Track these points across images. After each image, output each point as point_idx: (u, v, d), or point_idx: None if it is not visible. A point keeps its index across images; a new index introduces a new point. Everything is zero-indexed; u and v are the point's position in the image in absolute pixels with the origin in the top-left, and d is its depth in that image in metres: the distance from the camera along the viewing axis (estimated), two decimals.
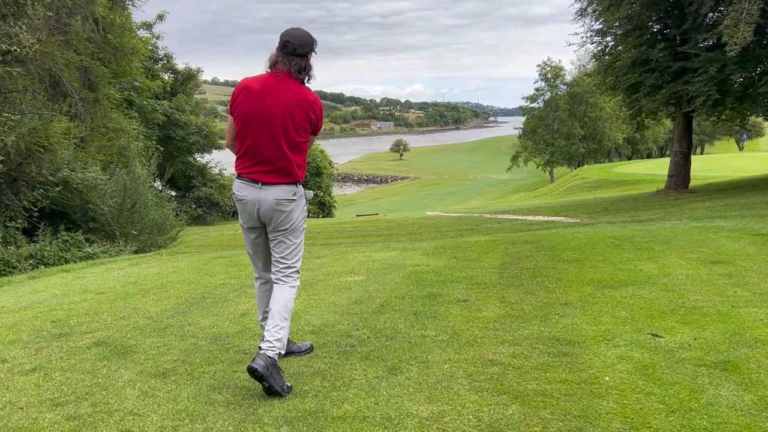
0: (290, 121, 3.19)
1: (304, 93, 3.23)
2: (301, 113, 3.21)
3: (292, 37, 3.18)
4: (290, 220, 3.31)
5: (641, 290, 4.78)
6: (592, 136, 61.80)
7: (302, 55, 3.19)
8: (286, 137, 3.20)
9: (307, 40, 3.20)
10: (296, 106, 3.19)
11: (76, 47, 13.80)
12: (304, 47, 3.19)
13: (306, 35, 3.21)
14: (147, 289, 5.87)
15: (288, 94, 3.19)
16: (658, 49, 16.55)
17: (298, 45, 3.17)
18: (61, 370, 3.54)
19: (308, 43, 3.20)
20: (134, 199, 12.28)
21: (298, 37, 3.18)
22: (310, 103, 3.23)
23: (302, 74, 3.22)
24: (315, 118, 3.28)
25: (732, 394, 2.82)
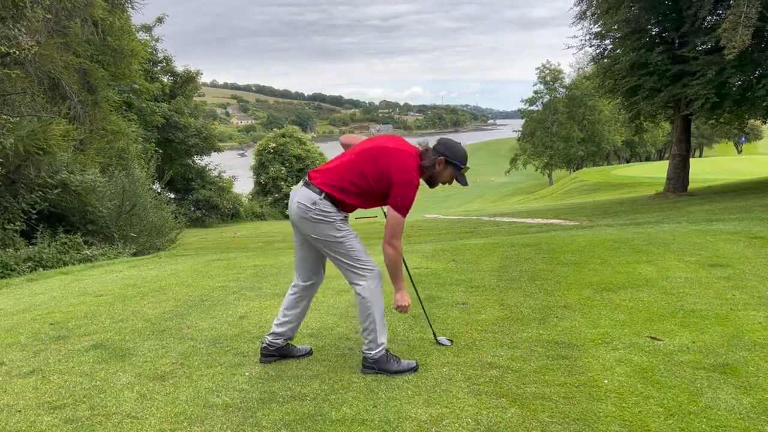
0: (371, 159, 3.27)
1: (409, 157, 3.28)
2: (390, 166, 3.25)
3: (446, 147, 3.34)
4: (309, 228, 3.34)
5: (640, 293, 4.78)
6: (590, 139, 61.81)
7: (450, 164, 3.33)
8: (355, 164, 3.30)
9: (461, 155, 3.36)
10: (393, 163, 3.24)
11: (75, 49, 13.80)
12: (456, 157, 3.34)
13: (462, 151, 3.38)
14: (145, 292, 5.86)
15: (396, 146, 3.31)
16: (656, 53, 16.56)
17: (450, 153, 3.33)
18: (59, 372, 3.54)
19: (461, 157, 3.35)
20: (133, 202, 12.28)
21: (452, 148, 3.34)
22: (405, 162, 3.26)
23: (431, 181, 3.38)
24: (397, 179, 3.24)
25: (731, 398, 2.82)
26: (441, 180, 3.36)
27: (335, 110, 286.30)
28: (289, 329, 3.60)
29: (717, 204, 14.23)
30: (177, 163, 31.45)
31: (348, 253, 3.31)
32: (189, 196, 32.70)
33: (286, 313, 3.58)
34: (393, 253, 3.27)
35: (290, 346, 3.65)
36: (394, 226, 3.24)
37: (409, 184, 3.19)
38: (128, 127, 18.24)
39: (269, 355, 3.58)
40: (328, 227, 3.25)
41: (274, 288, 5.74)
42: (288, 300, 3.60)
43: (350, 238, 3.32)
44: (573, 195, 33.62)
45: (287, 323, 3.58)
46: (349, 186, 3.23)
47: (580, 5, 19.28)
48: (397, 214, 3.22)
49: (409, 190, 3.19)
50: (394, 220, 3.23)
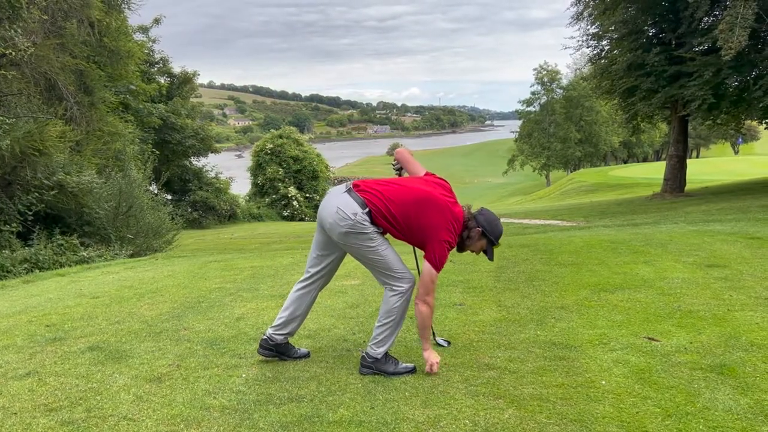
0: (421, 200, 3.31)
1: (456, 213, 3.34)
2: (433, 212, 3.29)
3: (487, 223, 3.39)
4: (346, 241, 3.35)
5: (637, 294, 4.78)
6: (588, 140, 61.88)
7: (487, 239, 3.40)
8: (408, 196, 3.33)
9: (497, 232, 3.42)
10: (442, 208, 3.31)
11: (71, 50, 13.78)
12: (494, 233, 3.41)
13: (498, 228, 3.44)
14: (142, 293, 5.85)
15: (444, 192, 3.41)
16: (653, 53, 16.58)
17: (490, 230, 3.39)
18: (55, 374, 3.52)
19: (496, 233, 3.42)
20: (130, 203, 12.26)
21: (492, 224, 3.40)
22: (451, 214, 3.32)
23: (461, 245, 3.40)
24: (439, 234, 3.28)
25: (728, 398, 2.82)
26: (472, 249, 3.43)
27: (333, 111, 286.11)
28: (292, 325, 3.57)
29: (714, 205, 14.25)
30: (174, 165, 31.41)
31: (382, 261, 3.30)
32: (186, 198, 32.63)
33: (288, 309, 3.56)
34: (426, 311, 3.27)
35: (289, 346, 3.63)
36: (428, 283, 3.25)
37: (449, 244, 3.26)
38: (125, 129, 18.20)
39: (267, 349, 3.56)
40: (362, 237, 3.24)
41: (271, 289, 5.73)
42: (292, 296, 3.58)
43: (384, 248, 3.30)
44: (570, 196, 33.65)
45: (290, 317, 3.55)
46: (391, 218, 3.25)
47: (577, 6, 19.31)
48: (432, 269, 3.24)
49: (447, 249, 3.26)
50: (429, 276, 3.25)
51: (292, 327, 3.59)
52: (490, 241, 3.40)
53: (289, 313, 3.56)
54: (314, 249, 3.53)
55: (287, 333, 3.58)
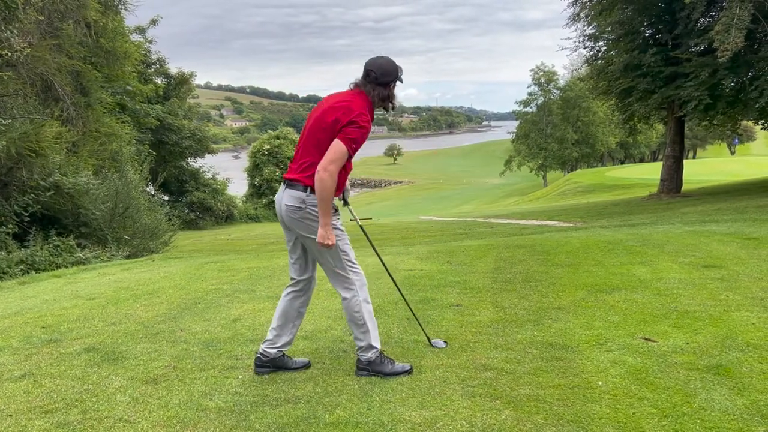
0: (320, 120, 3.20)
1: (353, 100, 3.19)
2: (336, 114, 3.15)
3: (375, 66, 3.22)
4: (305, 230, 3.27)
5: (634, 294, 4.78)
6: (585, 141, 62.02)
7: (384, 84, 3.23)
8: (309, 133, 3.23)
9: (390, 69, 3.23)
10: (339, 109, 3.16)
11: (68, 51, 13.75)
12: (387, 76, 3.22)
13: (389, 63, 3.25)
14: (138, 295, 5.83)
15: (337, 100, 3.22)
16: (650, 54, 16.62)
17: (381, 74, 3.20)
18: (50, 376, 3.51)
19: (391, 72, 3.24)
20: (126, 204, 12.24)
21: (381, 66, 3.22)
22: (347, 107, 3.16)
23: (384, 103, 3.28)
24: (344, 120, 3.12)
25: (724, 399, 2.82)
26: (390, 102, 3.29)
27: None
28: (285, 337, 3.46)
29: (710, 205, 14.28)
30: (171, 165, 31.38)
31: (337, 254, 3.27)
32: (183, 198, 32.61)
33: (279, 320, 3.47)
34: (326, 179, 3.06)
35: (285, 358, 3.49)
36: (335, 152, 3.08)
37: (356, 124, 3.10)
38: (121, 129, 18.18)
39: (262, 366, 3.43)
40: (315, 223, 3.19)
41: (268, 290, 5.73)
42: (282, 303, 3.49)
43: (341, 239, 3.28)
44: (567, 196, 33.70)
45: (281, 329, 3.46)
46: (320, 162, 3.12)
47: (573, 7, 19.36)
48: (342, 144, 3.09)
49: (357, 127, 3.10)
50: (337, 146, 3.09)
51: (285, 339, 3.47)
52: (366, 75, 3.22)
53: (280, 324, 3.47)
54: (290, 255, 3.50)
55: (281, 346, 3.45)
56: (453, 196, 65.75)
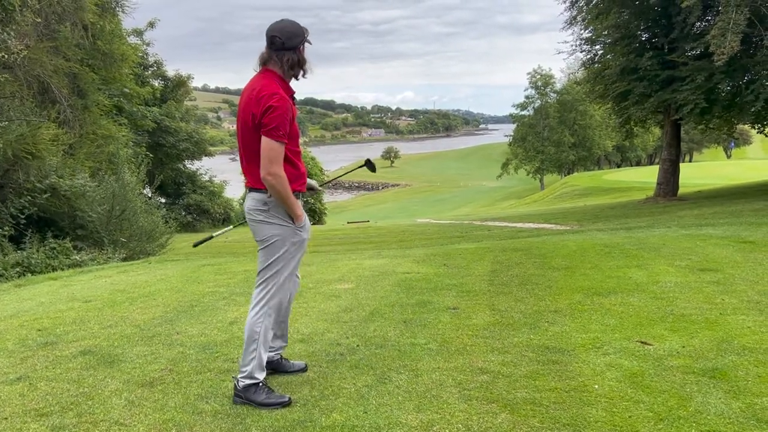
0: (243, 123, 3.00)
1: (258, 85, 2.94)
2: (250, 110, 2.93)
3: (279, 31, 2.95)
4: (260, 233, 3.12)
5: (630, 298, 4.79)
6: (581, 144, 62.14)
7: (292, 48, 2.97)
8: (243, 142, 3.05)
9: (295, 31, 2.97)
10: (250, 104, 2.93)
11: (65, 53, 13.73)
12: (294, 39, 2.96)
13: (293, 25, 2.98)
14: (135, 297, 5.82)
15: (247, 93, 2.98)
16: (646, 58, 16.68)
17: (287, 38, 2.95)
18: (46, 379, 3.50)
19: (297, 34, 2.97)
20: (123, 206, 12.21)
21: (284, 29, 2.96)
22: (256, 96, 2.91)
23: (296, 69, 3.02)
24: (258, 112, 2.90)
25: (720, 402, 2.83)
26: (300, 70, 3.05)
27: (327, 115, 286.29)
28: (278, 340, 3.44)
29: (707, 209, 14.31)
30: (168, 168, 31.31)
31: (275, 258, 3.08)
32: (180, 201, 32.55)
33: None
34: (274, 182, 2.90)
35: (283, 361, 3.48)
36: (267, 152, 2.87)
37: (270, 109, 2.86)
38: (118, 132, 18.16)
39: None
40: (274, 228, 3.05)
41: None
42: None
43: (289, 248, 3.09)
44: (564, 199, 33.74)
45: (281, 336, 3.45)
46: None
47: (570, 11, 19.40)
48: (269, 140, 2.88)
49: (273, 112, 2.86)
50: (266, 144, 2.87)
51: (278, 342, 3.44)
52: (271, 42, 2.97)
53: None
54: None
55: (275, 348, 3.44)
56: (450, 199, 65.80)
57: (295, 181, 3.08)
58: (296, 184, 3.10)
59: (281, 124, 2.88)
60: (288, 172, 3.00)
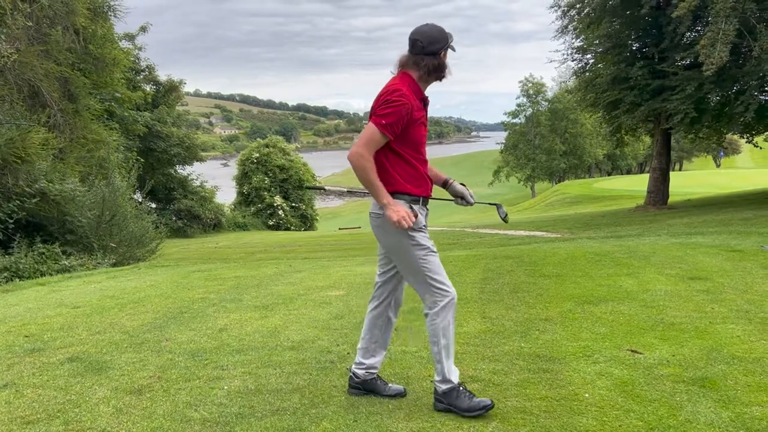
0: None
1: (386, 85, 2.92)
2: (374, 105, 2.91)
3: (421, 35, 2.92)
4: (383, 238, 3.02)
5: (621, 306, 4.80)
6: (572, 152, 62.41)
7: (433, 53, 2.92)
8: None
9: (438, 36, 2.93)
10: (375, 101, 2.92)
11: (56, 57, 13.66)
12: (435, 44, 2.92)
13: (437, 30, 2.95)
14: (124, 303, 5.78)
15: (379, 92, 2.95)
16: (637, 67, 16.79)
17: (428, 42, 2.91)
18: (32, 386, 3.46)
19: (440, 39, 2.93)
20: (113, 211, 12.13)
21: (426, 33, 2.92)
22: (380, 94, 2.90)
23: (434, 75, 2.97)
24: (375, 105, 2.88)
25: (710, 411, 2.84)
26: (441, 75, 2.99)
27: (320, 121, 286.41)
28: (373, 358, 3.21)
29: (696, 217, 14.40)
30: (159, 173, 31.15)
31: (420, 266, 2.96)
32: (170, 206, 32.39)
33: (364, 336, 3.25)
34: (357, 162, 2.82)
35: (377, 382, 3.21)
36: (366, 133, 2.84)
37: (387, 102, 2.82)
38: (109, 136, 18.05)
39: (354, 387, 3.21)
40: (400, 234, 2.93)
41: (255, 300, 5.69)
42: (366, 320, 3.26)
43: (425, 250, 2.96)
44: (555, 207, 33.86)
45: (366, 350, 3.23)
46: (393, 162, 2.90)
47: (562, 20, 19.51)
48: (372, 126, 2.83)
49: (388, 105, 2.81)
50: (367, 128, 2.85)
51: (374, 359, 3.22)
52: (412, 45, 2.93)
53: (365, 342, 3.23)
54: (378, 265, 3.28)
55: (369, 366, 3.20)
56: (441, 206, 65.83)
57: (412, 182, 2.96)
58: (413, 186, 2.97)
59: (391, 115, 2.80)
60: (405, 172, 2.93)
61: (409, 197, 2.95)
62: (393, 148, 2.90)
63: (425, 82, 2.99)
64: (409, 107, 2.84)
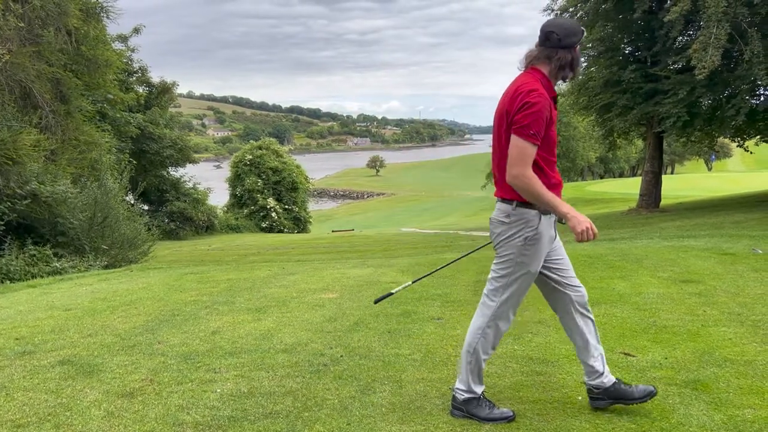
0: (498, 127, 2.82)
1: (517, 83, 2.77)
2: (504, 109, 2.76)
3: (557, 27, 2.77)
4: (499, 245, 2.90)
5: (613, 309, 4.82)
6: (565, 155, 62.61)
7: (568, 47, 2.76)
8: (498, 149, 2.82)
9: (574, 29, 2.78)
10: (505, 102, 2.76)
11: (48, 59, 13.59)
12: (571, 37, 2.76)
13: (572, 23, 2.83)
14: (116, 306, 5.75)
15: (505, 94, 2.80)
16: (629, 71, 16.89)
17: (565, 35, 2.74)
18: (23, 389, 3.43)
19: (576, 32, 2.78)
20: (105, 213, 12.07)
21: (562, 25, 2.78)
22: (513, 94, 2.73)
23: (566, 70, 2.81)
24: (512, 109, 2.71)
25: (702, 414, 2.84)
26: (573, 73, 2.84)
27: (313, 123, 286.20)
28: (590, 362, 2.96)
29: (688, 220, 14.47)
30: (151, 175, 31.04)
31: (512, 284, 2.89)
32: (163, 208, 32.27)
33: (577, 345, 3.02)
34: (521, 184, 2.67)
35: (620, 388, 2.91)
36: (515, 150, 2.66)
37: (526, 105, 2.65)
38: (102, 138, 17.96)
39: (596, 399, 2.95)
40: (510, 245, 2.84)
41: (247, 302, 5.67)
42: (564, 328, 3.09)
43: (527, 274, 2.87)
44: None
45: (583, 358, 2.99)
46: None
47: None
48: (518, 139, 2.65)
49: (528, 108, 2.64)
50: (513, 143, 2.67)
51: (593, 364, 2.95)
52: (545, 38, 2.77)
53: (579, 349, 3.01)
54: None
55: (597, 373, 2.93)
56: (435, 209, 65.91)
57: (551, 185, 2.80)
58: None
59: (535, 122, 2.64)
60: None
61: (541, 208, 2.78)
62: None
63: (555, 78, 2.83)
64: (549, 106, 2.70)
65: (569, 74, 2.83)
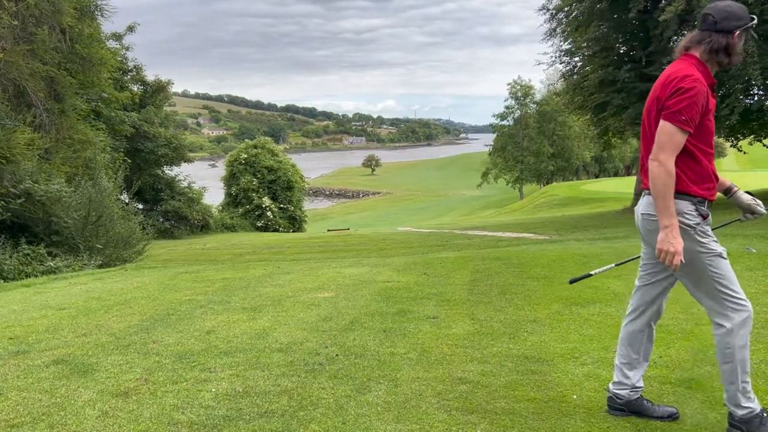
0: (648, 113, 2.68)
1: (670, 70, 2.62)
2: (656, 95, 2.62)
3: (714, 9, 2.58)
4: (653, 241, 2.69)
5: (608, 308, 4.83)
6: (560, 154, 62.78)
7: (725, 31, 2.56)
8: (646, 138, 2.70)
9: (735, 12, 2.56)
10: (657, 89, 2.62)
11: (42, 57, 13.53)
12: (729, 20, 2.56)
13: (735, 6, 2.59)
14: (110, 305, 5.73)
15: (657, 81, 2.65)
16: (624, 70, 16.93)
17: (721, 18, 2.56)
18: (17, 389, 3.42)
19: (737, 16, 2.56)
20: (99, 212, 12.04)
21: (722, 8, 2.58)
22: (665, 80, 2.59)
23: (720, 55, 2.61)
24: (663, 95, 2.57)
25: (696, 413, 2.85)
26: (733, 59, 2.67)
27: (308, 122, 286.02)
28: (631, 372, 2.88)
29: None
30: (146, 174, 30.95)
31: (709, 273, 2.65)
32: (157, 207, 32.20)
33: (623, 352, 2.93)
34: (656, 170, 2.52)
35: (643, 403, 2.84)
36: (660, 135, 2.52)
37: (679, 90, 2.50)
38: (96, 137, 17.90)
39: (616, 409, 2.87)
40: (684, 238, 2.58)
41: (243, 302, 5.66)
42: (624, 333, 2.95)
43: (713, 256, 2.65)
44: (543, 209, 34.03)
45: (629, 365, 2.90)
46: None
47: (550, 23, 19.63)
48: (667, 124, 2.51)
49: (681, 93, 2.49)
50: (662, 128, 2.53)
51: (632, 376, 2.87)
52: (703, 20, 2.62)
53: (624, 357, 2.92)
54: (640, 268, 3.05)
55: (631, 385, 2.86)
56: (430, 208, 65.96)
57: (699, 182, 2.63)
58: (700, 187, 2.63)
59: (687, 108, 2.49)
60: (692, 171, 2.60)
61: (694, 199, 2.63)
62: None
63: (711, 64, 2.66)
64: (705, 93, 2.54)
65: (725, 60, 2.65)
